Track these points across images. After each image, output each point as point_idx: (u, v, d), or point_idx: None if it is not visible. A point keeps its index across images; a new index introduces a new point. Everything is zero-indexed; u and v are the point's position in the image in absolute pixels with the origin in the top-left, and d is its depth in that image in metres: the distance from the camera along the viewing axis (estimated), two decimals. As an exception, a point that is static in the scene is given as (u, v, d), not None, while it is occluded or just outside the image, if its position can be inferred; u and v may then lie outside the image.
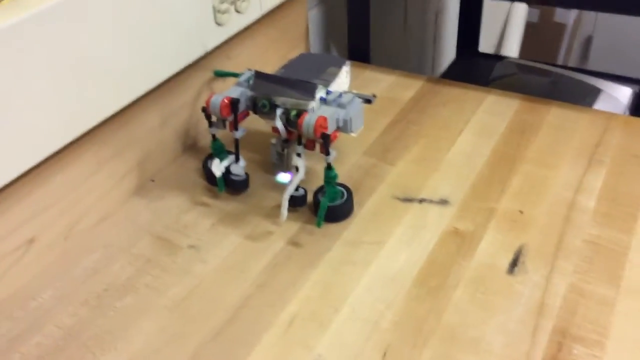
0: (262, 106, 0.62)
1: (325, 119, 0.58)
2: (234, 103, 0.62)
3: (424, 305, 0.53)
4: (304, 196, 0.64)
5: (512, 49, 1.88)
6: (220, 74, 0.71)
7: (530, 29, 1.97)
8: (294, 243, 0.60)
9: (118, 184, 0.65)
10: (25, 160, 0.54)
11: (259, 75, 0.62)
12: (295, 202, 0.63)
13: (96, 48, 0.57)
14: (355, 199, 0.64)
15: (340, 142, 0.73)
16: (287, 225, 0.62)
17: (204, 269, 0.58)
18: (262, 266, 0.58)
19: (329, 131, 0.59)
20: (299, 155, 0.60)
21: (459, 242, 0.58)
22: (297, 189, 0.63)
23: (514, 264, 0.56)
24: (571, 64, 2.08)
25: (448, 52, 1.59)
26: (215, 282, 0.56)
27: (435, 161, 0.69)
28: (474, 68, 1.44)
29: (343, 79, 0.66)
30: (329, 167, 0.60)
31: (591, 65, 2.04)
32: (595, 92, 1.44)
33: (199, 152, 0.74)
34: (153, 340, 0.51)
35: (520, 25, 1.91)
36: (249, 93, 0.63)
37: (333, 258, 0.58)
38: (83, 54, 0.56)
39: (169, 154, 0.71)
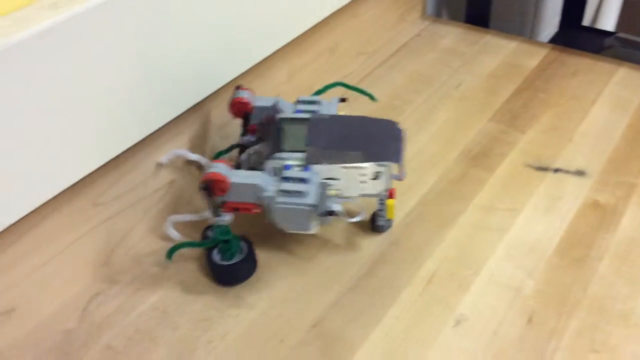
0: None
1: (217, 176, 0.46)
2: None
3: (568, 275, 0.52)
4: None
5: (609, 21, 1.80)
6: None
7: (630, 0, 1.88)
8: (424, 203, 0.59)
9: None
10: (107, 152, 0.51)
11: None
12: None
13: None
14: (485, 164, 0.63)
15: (461, 107, 0.72)
16: (419, 185, 0.61)
17: (334, 225, 0.58)
18: (394, 224, 0.57)
19: (230, 197, 0.48)
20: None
21: (599, 215, 0.57)
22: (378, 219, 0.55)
23: (660, 241, 0.54)
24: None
25: (547, 24, 1.53)
26: (347, 238, 0.57)
27: (568, 131, 0.67)
28: (577, 42, 1.38)
29: (354, 175, 0.51)
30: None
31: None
32: None
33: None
34: (291, 288, 0.52)
35: (620, -4, 1.83)
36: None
37: (467, 221, 0.57)
38: (173, 37, 0.52)
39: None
